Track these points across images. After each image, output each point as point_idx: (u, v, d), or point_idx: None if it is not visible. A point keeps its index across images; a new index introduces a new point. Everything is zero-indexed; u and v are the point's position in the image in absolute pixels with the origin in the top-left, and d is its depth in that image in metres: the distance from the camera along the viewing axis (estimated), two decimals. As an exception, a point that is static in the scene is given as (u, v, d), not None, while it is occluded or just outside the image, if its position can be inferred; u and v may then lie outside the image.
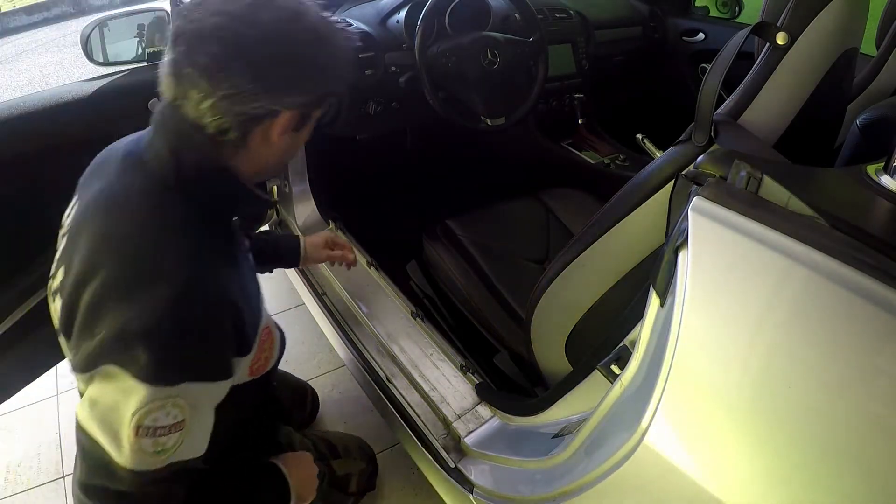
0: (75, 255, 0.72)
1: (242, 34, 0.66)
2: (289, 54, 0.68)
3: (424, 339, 1.32)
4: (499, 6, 1.71)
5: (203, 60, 0.65)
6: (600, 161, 1.84)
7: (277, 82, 0.68)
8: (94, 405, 0.67)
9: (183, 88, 0.68)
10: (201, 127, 0.69)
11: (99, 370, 0.66)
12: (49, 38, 6.08)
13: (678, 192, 0.75)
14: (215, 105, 0.67)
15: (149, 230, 0.70)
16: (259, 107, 0.68)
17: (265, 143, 0.74)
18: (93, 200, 0.75)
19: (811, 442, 0.54)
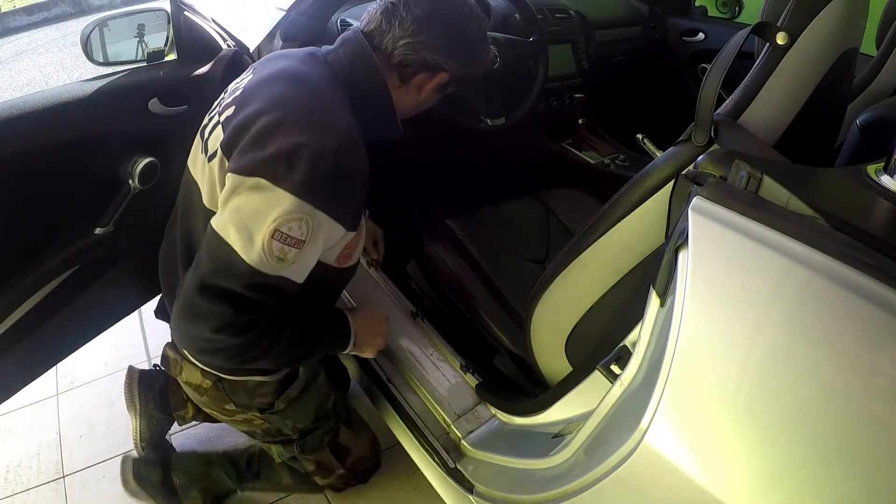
0: (251, 103, 0.87)
1: (448, 11, 0.95)
2: (467, 37, 0.98)
3: (424, 339, 1.32)
4: (499, 6, 1.71)
5: (417, 12, 0.92)
6: (600, 161, 1.84)
7: (454, 49, 0.96)
8: (237, 211, 0.81)
9: (391, 25, 0.93)
10: (389, 55, 0.95)
11: (252, 180, 0.80)
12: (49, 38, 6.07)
13: (678, 192, 0.75)
14: (410, 44, 0.94)
15: (325, 98, 0.90)
16: (434, 59, 0.95)
17: (418, 90, 1.00)
18: (277, 72, 0.92)
19: (811, 442, 0.54)
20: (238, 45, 1.39)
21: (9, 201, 1.10)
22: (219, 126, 0.91)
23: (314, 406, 1.21)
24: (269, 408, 1.15)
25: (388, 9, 0.94)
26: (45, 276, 1.19)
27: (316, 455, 1.31)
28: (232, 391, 1.11)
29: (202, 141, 0.97)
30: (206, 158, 0.93)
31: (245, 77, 0.99)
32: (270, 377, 1.11)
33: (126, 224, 1.27)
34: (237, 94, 0.93)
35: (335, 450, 1.32)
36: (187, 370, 1.13)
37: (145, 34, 1.37)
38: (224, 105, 0.94)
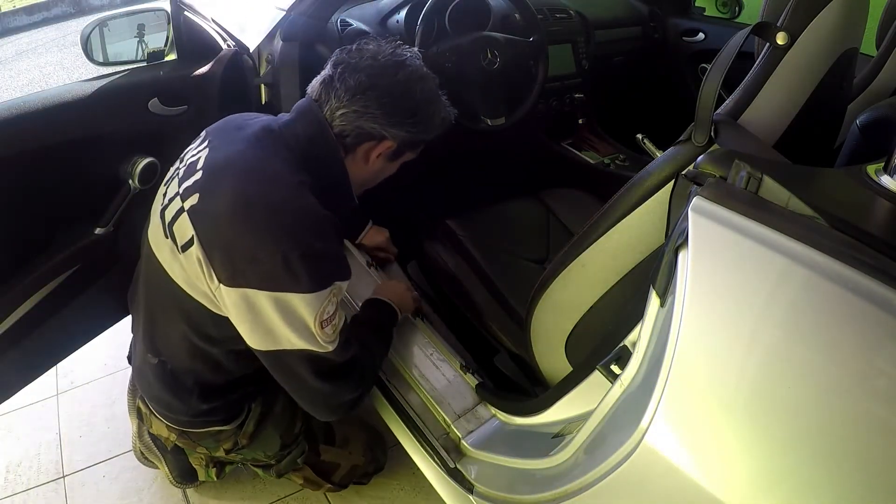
0: (218, 199, 0.90)
1: (384, 76, 0.95)
2: (408, 101, 0.97)
3: (424, 339, 1.32)
4: (499, 6, 1.71)
5: (351, 83, 0.95)
6: (600, 161, 1.84)
7: (393, 115, 0.96)
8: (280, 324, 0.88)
9: (328, 95, 0.96)
10: (330, 125, 0.97)
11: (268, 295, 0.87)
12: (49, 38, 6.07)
13: (678, 192, 0.75)
14: (346, 114, 0.96)
15: (291, 190, 0.91)
16: (373, 127, 0.96)
17: (364, 160, 1.01)
18: (237, 159, 0.94)
19: (810, 441, 0.54)
20: (238, 45, 1.39)
21: (9, 201, 1.10)
22: (184, 214, 0.92)
23: (278, 434, 1.23)
24: (234, 447, 1.21)
25: (325, 81, 0.97)
26: (46, 276, 1.19)
27: (299, 473, 1.32)
28: (198, 439, 1.20)
29: (163, 223, 0.97)
30: (175, 247, 0.94)
31: (200, 150, 0.98)
32: (227, 426, 1.17)
33: (126, 224, 1.27)
34: (198, 179, 0.93)
35: (319, 468, 1.31)
36: (156, 424, 1.22)
37: (145, 34, 1.37)
38: (185, 187, 0.94)
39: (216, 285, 0.90)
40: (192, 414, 1.13)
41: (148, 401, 1.20)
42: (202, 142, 1.01)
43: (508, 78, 1.60)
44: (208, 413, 1.13)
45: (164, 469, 1.40)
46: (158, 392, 1.13)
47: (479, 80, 1.56)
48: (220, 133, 1.01)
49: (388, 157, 1.03)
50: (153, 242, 1.02)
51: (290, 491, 1.46)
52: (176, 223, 0.93)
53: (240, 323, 0.92)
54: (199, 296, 0.95)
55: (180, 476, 1.38)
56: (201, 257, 0.90)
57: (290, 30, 1.38)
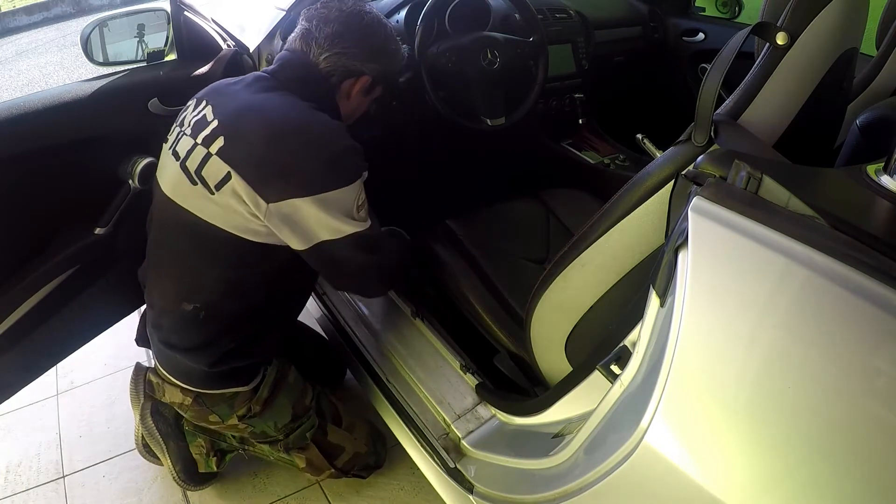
0: (245, 133, 1.02)
1: (353, 22, 1.11)
2: (376, 40, 1.15)
3: (424, 339, 1.32)
4: (499, 6, 1.71)
5: (328, 30, 1.10)
6: (600, 161, 1.83)
7: (368, 52, 1.13)
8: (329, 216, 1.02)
9: (309, 46, 1.11)
10: (318, 67, 1.11)
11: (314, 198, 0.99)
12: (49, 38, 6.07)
13: (678, 192, 0.75)
14: (328, 57, 1.11)
15: (303, 111, 1.06)
16: (354, 64, 1.12)
17: (347, 96, 1.16)
18: (248, 100, 1.07)
19: (811, 442, 0.54)
20: (238, 45, 1.39)
21: (9, 201, 1.10)
22: (213, 157, 1.02)
23: (290, 403, 1.27)
24: (247, 413, 1.23)
25: (303, 34, 1.12)
26: (46, 276, 1.19)
27: (304, 453, 1.33)
28: (212, 404, 1.22)
29: (186, 173, 1.06)
30: (207, 190, 1.03)
31: (201, 110, 1.08)
32: (243, 387, 1.21)
33: (126, 224, 1.27)
34: (216, 127, 1.04)
35: (325, 448, 1.33)
36: (169, 391, 1.24)
37: (145, 34, 1.38)
38: (203, 137, 1.04)
39: (263, 207, 1.00)
40: (214, 364, 1.15)
41: (166, 366, 1.22)
42: (198, 103, 1.11)
43: (508, 78, 1.60)
44: (230, 359, 1.17)
45: (166, 462, 1.40)
46: (186, 343, 1.15)
47: (479, 80, 1.56)
48: (216, 92, 1.12)
49: (364, 91, 1.17)
50: (177, 196, 1.09)
51: (290, 491, 1.46)
52: (205, 168, 1.03)
53: (291, 233, 1.03)
54: (235, 228, 1.04)
55: (183, 470, 1.39)
56: (241, 188, 1.00)
57: (290, 30, 1.38)
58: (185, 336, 1.15)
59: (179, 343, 1.16)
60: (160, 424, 1.37)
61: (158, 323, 1.18)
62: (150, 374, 1.28)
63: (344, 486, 1.44)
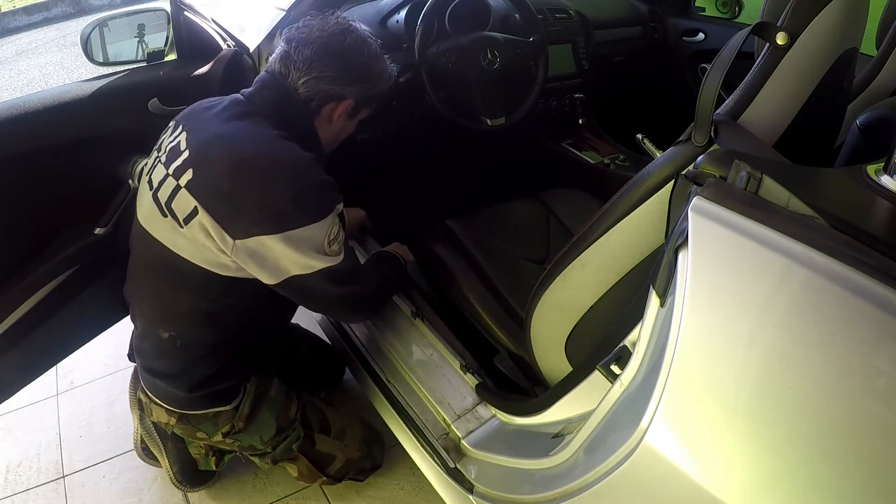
0: (213, 167, 0.99)
1: (333, 44, 1.06)
2: (358, 62, 1.09)
3: (424, 339, 1.32)
4: (499, 6, 1.71)
5: (307, 53, 1.05)
6: (600, 161, 1.83)
7: (348, 75, 1.08)
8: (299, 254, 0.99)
9: (288, 68, 1.06)
10: (296, 92, 1.07)
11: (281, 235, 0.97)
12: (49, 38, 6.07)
13: (678, 192, 0.75)
14: (307, 82, 1.06)
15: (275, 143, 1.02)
16: (333, 89, 1.08)
17: (328, 120, 1.12)
18: (219, 130, 1.04)
19: (811, 442, 0.54)
20: (238, 45, 1.39)
21: (9, 201, 1.10)
22: (182, 190, 1.01)
23: (273, 416, 1.26)
24: (231, 430, 1.23)
25: (283, 57, 1.08)
26: (46, 276, 1.19)
27: (294, 463, 1.32)
28: (197, 423, 1.22)
29: (158, 204, 1.04)
30: (176, 223, 1.02)
31: (177, 136, 1.06)
32: (225, 406, 1.21)
33: (126, 224, 1.27)
34: (187, 158, 1.02)
35: (314, 458, 1.32)
36: (155, 411, 1.23)
37: (145, 34, 1.38)
38: (174, 168, 1.02)
39: (230, 244, 0.98)
40: (193, 389, 1.15)
41: (149, 388, 1.21)
42: (175, 128, 1.09)
43: (508, 78, 1.60)
44: (208, 384, 1.16)
45: (164, 463, 1.40)
46: (164, 369, 1.15)
47: (479, 80, 1.56)
48: (192, 117, 1.09)
49: (347, 115, 1.13)
50: (149, 226, 1.08)
51: (290, 491, 1.46)
52: (174, 200, 1.01)
53: (259, 269, 1.01)
54: (204, 262, 1.03)
55: (180, 471, 1.39)
56: (208, 224, 0.98)
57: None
58: (163, 362, 1.15)
59: (158, 369, 1.16)
60: (158, 426, 1.37)
61: (139, 347, 1.19)
62: (140, 393, 1.28)
63: (344, 487, 1.44)
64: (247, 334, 1.17)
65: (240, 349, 1.18)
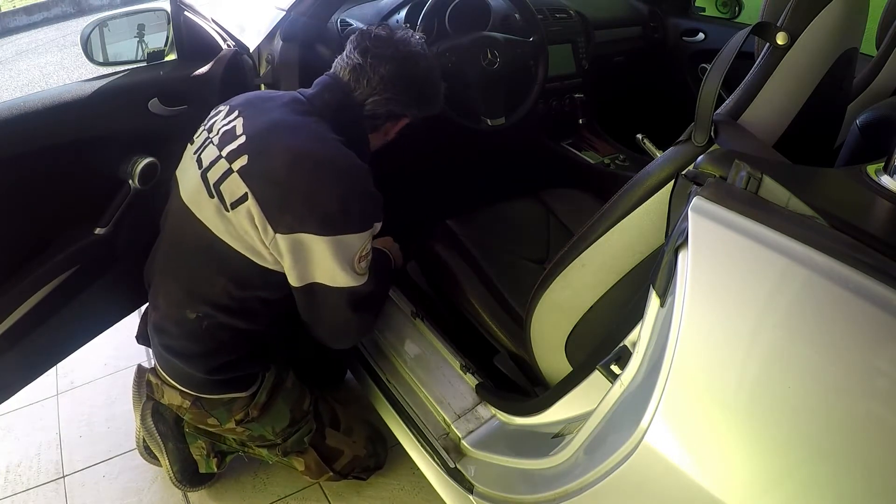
0: (269, 156, 1.01)
1: (409, 68, 1.10)
2: (426, 87, 1.16)
3: (424, 339, 1.32)
4: (499, 6, 1.71)
5: (382, 72, 1.08)
6: (600, 161, 1.83)
7: (415, 100, 1.14)
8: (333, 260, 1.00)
9: (359, 83, 1.09)
10: (361, 107, 1.11)
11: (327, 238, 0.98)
12: (49, 38, 6.07)
13: (678, 192, 0.75)
14: (378, 101, 1.10)
15: (332, 145, 1.04)
16: (398, 110, 1.13)
17: (385, 134, 1.20)
18: (278, 121, 1.05)
19: (810, 442, 0.54)
20: (238, 45, 1.39)
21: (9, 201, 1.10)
22: (234, 174, 1.02)
23: (288, 407, 1.26)
24: (245, 417, 1.23)
25: (355, 68, 1.09)
26: (46, 276, 1.19)
27: (302, 456, 1.33)
28: (211, 407, 1.22)
29: (206, 185, 1.05)
30: (223, 205, 1.03)
31: (232, 120, 1.07)
32: (241, 393, 1.21)
33: (126, 224, 1.27)
34: (243, 143, 1.03)
35: (323, 452, 1.33)
36: (168, 393, 1.23)
37: (145, 34, 1.38)
38: (228, 151, 1.03)
39: (271, 236, 0.99)
40: (211, 372, 1.15)
41: (165, 368, 1.21)
42: (230, 112, 1.09)
43: (508, 78, 1.60)
44: (227, 369, 1.16)
45: (164, 463, 1.40)
46: (185, 349, 1.15)
47: (479, 80, 1.56)
48: (250, 105, 1.10)
49: (401, 129, 1.20)
50: (193, 204, 1.08)
51: (290, 491, 1.46)
52: (224, 183, 1.03)
53: (290, 264, 1.02)
54: (244, 248, 1.03)
55: (180, 471, 1.39)
56: (255, 211, 0.99)
57: (290, 30, 1.38)
58: (185, 343, 1.15)
59: (179, 349, 1.16)
60: (160, 425, 1.37)
61: (160, 326, 1.17)
62: (150, 375, 1.28)
63: (344, 487, 1.44)
64: (270, 329, 1.18)
65: (263, 341, 1.19)
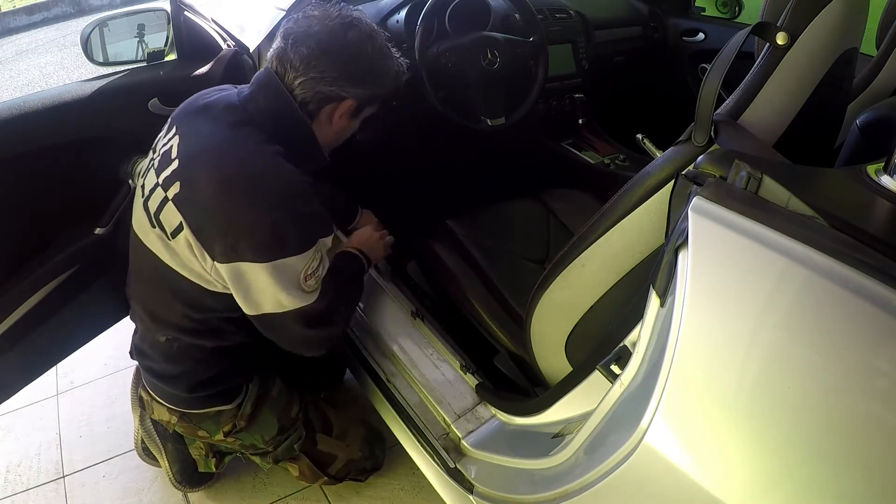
0: (198, 182, 0.95)
1: (334, 40, 0.97)
2: (360, 60, 1.00)
3: (424, 339, 1.32)
4: (499, 6, 1.71)
5: (304, 51, 0.96)
6: (600, 161, 1.83)
7: (350, 77, 0.99)
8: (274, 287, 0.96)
9: (284, 67, 0.98)
10: (291, 94, 0.99)
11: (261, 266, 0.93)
12: (49, 38, 6.07)
13: (678, 192, 0.75)
14: (304, 83, 0.98)
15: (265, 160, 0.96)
16: (332, 90, 0.99)
17: (328, 121, 1.04)
18: (209, 140, 0.98)
19: (810, 442, 0.54)
20: (238, 45, 1.39)
21: (9, 201, 1.10)
22: (169, 203, 0.98)
23: (275, 416, 1.26)
24: (233, 429, 1.23)
25: (279, 55, 0.99)
26: (46, 276, 1.19)
27: (295, 463, 1.32)
28: (199, 421, 1.21)
29: (147, 214, 1.03)
30: (164, 235, 1.00)
31: (170, 139, 1.02)
32: (226, 406, 1.20)
33: (126, 224, 1.27)
34: (176, 168, 0.98)
35: (315, 458, 1.32)
36: (157, 409, 1.23)
37: (145, 34, 1.38)
38: (164, 177, 0.99)
39: (210, 264, 0.97)
40: (193, 390, 1.15)
41: (151, 387, 1.22)
42: (170, 129, 1.05)
43: (508, 78, 1.60)
44: (209, 385, 1.16)
45: (163, 463, 1.40)
46: (164, 371, 1.15)
47: (479, 80, 1.56)
48: (186, 119, 1.04)
49: (349, 115, 1.06)
50: (140, 233, 1.07)
51: (290, 491, 1.46)
52: (162, 212, 0.99)
53: (235, 293, 0.99)
54: (193, 276, 1.01)
55: (180, 472, 1.39)
56: (192, 241, 0.96)
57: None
58: (163, 365, 1.15)
59: (159, 371, 1.17)
60: (158, 427, 1.38)
61: (140, 349, 1.19)
62: (142, 391, 1.28)
63: (344, 487, 1.44)
64: (244, 341, 1.16)
65: (239, 355, 1.18)
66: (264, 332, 1.06)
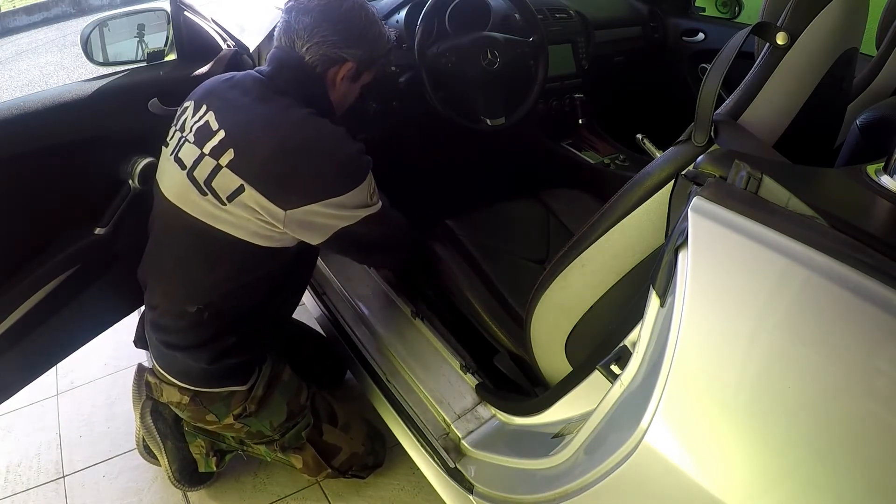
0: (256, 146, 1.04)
1: (331, 10, 1.11)
2: (355, 25, 1.13)
3: (424, 339, 1.32)
4: (499, 6, 1.71)
5: (307, 20, 1.10)
6: (600, 161, 1.83)
7: (347, 39, 1.12)
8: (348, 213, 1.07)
9: (292, 39, 1.11)
10: (304, 61, 1.12)
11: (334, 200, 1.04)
12: (49, 38, 6.07)
13: (678, 192, 0.75)
14: (310, 48, 1.11)
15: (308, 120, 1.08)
16: (334, 52, 1.12)
17: (333, 84, 1.16)
18: (249, 108, 1.08)
19: (810, 442, 0.54)
20: (238, 45, 1.39)
21: (9, 201, 1.10)
22: (223, 169, 1.04)
23: (285, 401, 1.28)
24: (243, 412, 1.24)
25: (286, 29, 1.13)
26: (46, 276, 1.19)
27: (300, 453, 1.33)
28: (209, 403, 1.23)
29: (195, 184, 1.07)
30: (218, 200, 1.05)
31: (203, 115, 1.09)
32: (240, 387, 1.22)
33: (126, 224, 1.27)
34: (224, 138, 1.05)
35: (321, 448, 1.33)
36: (167, 391, 1.25)
37: (145, 34, 1.38)
38: (211, 147, 1.06)
39: (281, 215, 1.04)
40: (215, 360, 1.17)
41: (165, 366, 1.23)
42: (198, 107, 1.12)
43: (508, 78, 1.60)
44: (231, 354, 1.18)
45: (163, 462, 1.40)
46: (188, 342, 1.17)
47: (479, 80, 1.56)
48: (215, 96, 1.12)
49: (350, 78, 1.17)
50: (184, 203, 1.10)
51: (290, 491, 1.46)
52: (215, 179, 1.05)
53: (308, 232, 1.08)
54: (247, 235, 1.07)
55: (179, 470, 1.39)
56: (256, 200, 1.03)
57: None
58: (187, 335, 1.16)
59: (180, 342, 1.17)
60: (159, 424, 1.38)
61: (159, 324, 1.18)
62: (149, 375, 1.29)
63: (344, 486, 1.44)
64: (270, 302, 1.22)
65: (262, 318, 1.22)
66: (340, 248, 1.17)
